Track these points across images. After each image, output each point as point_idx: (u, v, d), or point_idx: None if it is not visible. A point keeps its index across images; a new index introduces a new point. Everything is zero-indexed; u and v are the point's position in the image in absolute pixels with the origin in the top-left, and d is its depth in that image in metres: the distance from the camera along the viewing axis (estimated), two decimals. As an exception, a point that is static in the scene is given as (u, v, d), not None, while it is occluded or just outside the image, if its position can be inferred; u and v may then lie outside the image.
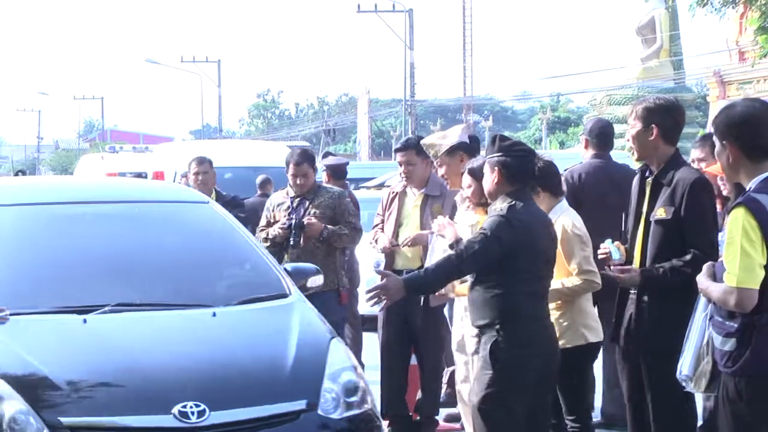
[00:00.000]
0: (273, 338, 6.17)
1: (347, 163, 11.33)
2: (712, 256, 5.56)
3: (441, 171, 8.32)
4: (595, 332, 6.89)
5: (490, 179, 6.31)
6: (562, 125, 62.83)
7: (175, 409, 5.40)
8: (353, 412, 5.85)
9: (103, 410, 5.42)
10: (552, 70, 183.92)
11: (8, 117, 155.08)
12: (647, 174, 6.40)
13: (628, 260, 6.36)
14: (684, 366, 5.21)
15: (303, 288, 6.80)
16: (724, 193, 7.00)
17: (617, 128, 44.21)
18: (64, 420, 5.33)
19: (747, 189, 4.84)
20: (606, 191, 8.54)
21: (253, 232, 8.61)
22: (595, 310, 7.10)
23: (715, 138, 5.02)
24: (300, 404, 5.69)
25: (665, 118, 6.30)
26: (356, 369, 6.10)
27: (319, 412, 5.72)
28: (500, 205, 6.24)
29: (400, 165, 8.64)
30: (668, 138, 6.30)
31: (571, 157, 16.41)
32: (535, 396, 6.27)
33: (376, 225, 8.79)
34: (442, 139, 8.34)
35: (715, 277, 4.88)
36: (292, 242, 8.83)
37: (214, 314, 6.19)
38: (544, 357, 6.23)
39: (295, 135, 63.46)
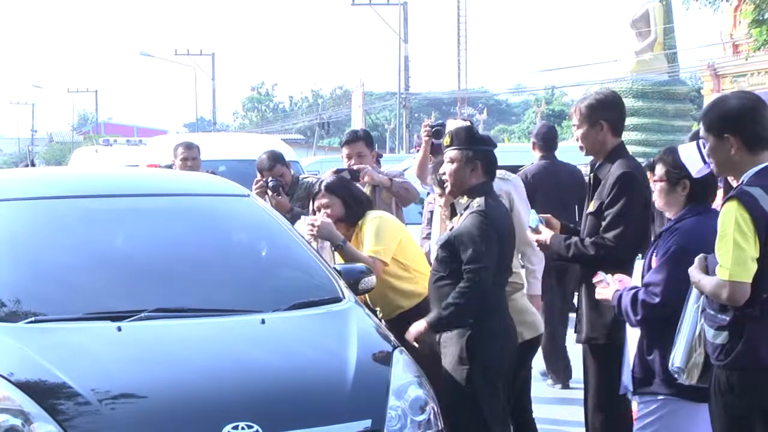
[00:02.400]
0: (330, 349, 5.58)
1: (380, 156, 10.71)
2: (618, 249, 6.00)
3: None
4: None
5: (463, 171, 6.27)
6: (557, 118, 63.25)
7: (225, 431, 4.83)
8: None
9: (143, 430, 4.86)
10: (546, 63, 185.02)
11: (2, 110, 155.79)
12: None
13: None
14: (676, 358, 5.16)
15: (354, 290, 6.25)
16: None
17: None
18: None
19: (740, 182, 4.87)
20: (554, 189, 9.83)
21: None
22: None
23: (706, 134, 5.00)
24: (364, 424, 5.12)
25: (611, 112, 6.40)
26: (423, 383, 5.51)
27: None
28: (471, 203, 6.22)
29: (349, 158, 8.52)
30: (616, 131, 6.41)
31: (565, 150, 16.28)
32: (508, 386, 6.36)
33: None
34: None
35: (708, 270, 4.87)
36: None
37: (263, 321, 5.62)
38: (513, 347, 6.32)
39: (290, 128, 63.72)
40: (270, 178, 8.90)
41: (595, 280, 5.74)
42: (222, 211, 6.83)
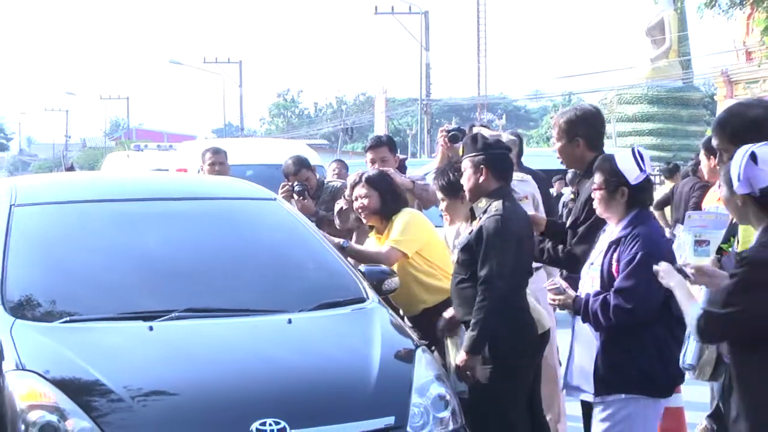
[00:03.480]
0: (355, 348, 5.56)
1: (404, 160, 10.63)
2: (582, 264, 5.80)
3: None
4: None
5: (474, 178, 6.23)
6: (574, 123, 63.21)
7: (253, 427, 4.85)
8: (444, 429, 5.27)
9: (173, 427, 4.87)
10: (564, 70, 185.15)
11: (37, 116, 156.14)
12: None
13: None
14: (688, 355, 4.97)
15: (378, 291, 6.22)
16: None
17: (625, 126, 43.82)
18: None
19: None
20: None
21: None
22: None
23: (728, 144, 4.84)
24: (387, 421, 5.11)
25: (588, 129, 6.31)
26: (444, 381, 5.50)
27: (408, 429, 5.14)
28: (489, 206, 6.14)
29: (373, 162, 8.35)
30: (593, 146, 6.29)
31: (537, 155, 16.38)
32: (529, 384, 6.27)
33: None
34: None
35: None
36: None
37: (290, 321, 5.62)
38: (535, 345, 6.22)
39: (314, 133, 63.70)
40: (296, 183, 8.90)
41: (548, 285, 5.61)
42: (249, 214, 6.80)
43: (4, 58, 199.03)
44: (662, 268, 4.81)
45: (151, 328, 5.35)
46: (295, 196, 8.83)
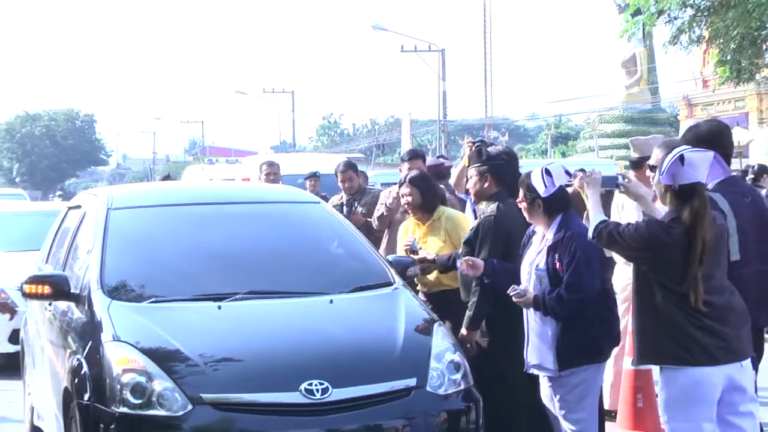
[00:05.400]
0: (383, 322, 5.50)
1: (442, 164, 10.36)
2: None
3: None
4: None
5: (479, 184, 6.18)
6: (564, 139, 62.70)
7: (302, 387, 4.82)
8: (456, 388, 5.22)
9: (238, 387, 4.83)
10: (555, 95, 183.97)
11: (131, 137, 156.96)
12: None
13: None
14: None
15: (402, 276, 6.13)
16: None
17: (605, 141, 43.21)
18: (205, 396, 4.78)
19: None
20: None
21: None
22: None
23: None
24: (411, 382, 5.07)
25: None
26: (457, 349, 5.43)
27: (428, 388, 5.10)
28: (487, 208, 6.10)
29: (410, 171, 7.92)
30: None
31: (571, 165, 16.15)
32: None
33: None
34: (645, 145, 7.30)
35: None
36: None
37: (331, 301, 5.58)
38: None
39: (353, 149, 63.35)
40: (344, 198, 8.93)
41: (511, 292, 5.47)
42: (298, 215, 6.74)
43: (105, 92, 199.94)
44: (592, 176, 5.11)
45: (219, 308, 5.33)
46: (344, 209, 8.93)
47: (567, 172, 5.54)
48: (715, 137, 5.01)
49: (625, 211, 7.19)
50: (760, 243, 5.07)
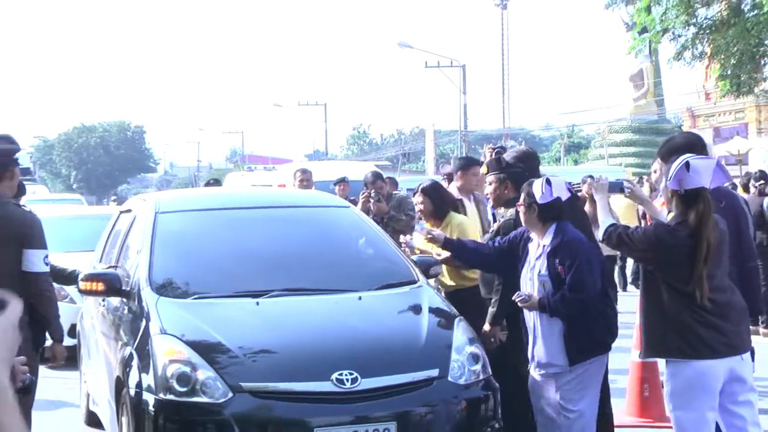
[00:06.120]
0: (408, 317, 5.48)
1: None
2: None
3: None
4: None
5: (499, 190, 6.15)
6: (576, 148, 62.31)
7: (333, 377, 4.79)
8: (476, 378, 5.19)
9: (274, 377, 4.82)
10: (568, 107, 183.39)
11: (177, 147, 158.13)
12: None
13: None
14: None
15: (426, 274, 6.11)
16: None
17: (614, 150, 43.08)
18: (244, 384, 4.77)
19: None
20: None
21: None
22: None
23: (660, 161, 5.19)
24: (433, 372, 5.04)
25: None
26: (476, 342, 5.39)
27: (449, 378, 5.07)
28: (506, 212, 6.10)
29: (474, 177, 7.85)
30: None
31: (583, 172, 16.10)
32: None
33: None
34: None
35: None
36: None
37: (360, 298, 5.55)
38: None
39: (380, 157, 63.39)
40: (372, 191, 8.92)
41: (516, 298, 5.41)
42: (329, 218, 6.73)
43: (154, 105, 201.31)
44: (599, 182, 5.07)
45: (257, 303, 5.31)
46: (372, 200, 8.87)
47: (569, 189, 5.49)
48: (688, 149, 4.99)
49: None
50: (732, 245, 5.05)
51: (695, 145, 5.14)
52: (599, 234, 4.89)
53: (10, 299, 1.69)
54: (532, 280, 5.45)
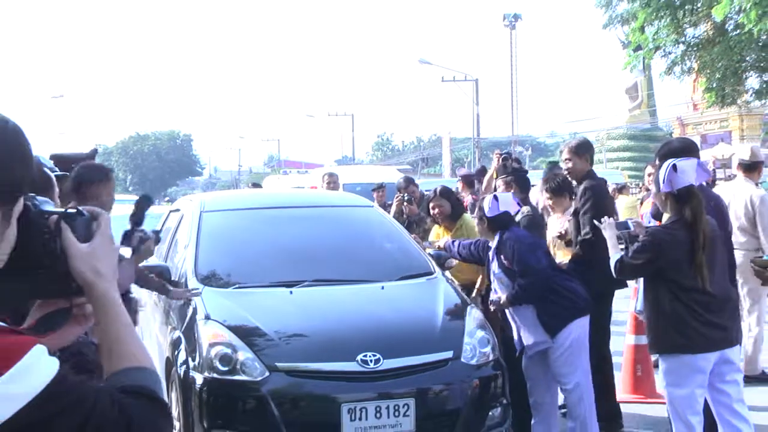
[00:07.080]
0: (425, 305, 5.46)
1: (473, 174, 10.20)
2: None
3: None
4: None
5: (508, 191, 6.17)
6: (578, 154, 62.03)
7: (358, 357, 4.81)
8: (486, 359, 5.18)
9: (306, 357, 4.83)
10: (571, 116, 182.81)
11: (220, 152, 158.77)
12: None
13: None
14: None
15: (441, 267, 6.09)
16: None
17: (611, 155, 42.66)
18: (279, 365, 4.78)
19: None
20: None
21: None
22: None
23: (658, 161, 5.02)
24: (448, 354, 5.03)
25: (589, 149, 6.27)
26: (486, 327, 5.37)
27: (462, 359, 5.07)
28: (524, 209, 6.12)
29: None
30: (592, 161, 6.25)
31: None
32: None
33: None
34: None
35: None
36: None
37: (383, 287, 5.56)
38: None
39: (402, 162, 63.46)
40: (405, 194, 8.92)
41: (490, 305, 5.43)
42: (355, 216, 6.72)
43: (200, 115, 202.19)
44: (607, 222, 4.98)
45: (291, 293, 5.34)
46: (405, 203, 8.91)
47: (518, 203, 5.61)
48: (684, 152, 4.99)
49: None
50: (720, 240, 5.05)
51: (691, 149, 5.12)
52: (612, 270, 4.81)
53: (100, 212, 1.49)
54: (494, 282, 5.52)
